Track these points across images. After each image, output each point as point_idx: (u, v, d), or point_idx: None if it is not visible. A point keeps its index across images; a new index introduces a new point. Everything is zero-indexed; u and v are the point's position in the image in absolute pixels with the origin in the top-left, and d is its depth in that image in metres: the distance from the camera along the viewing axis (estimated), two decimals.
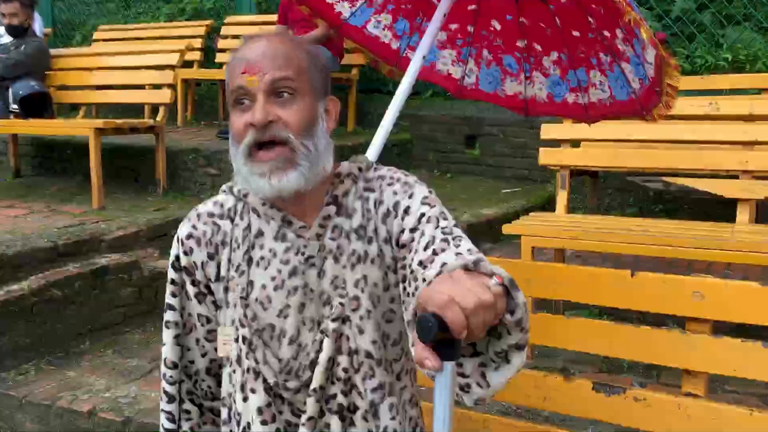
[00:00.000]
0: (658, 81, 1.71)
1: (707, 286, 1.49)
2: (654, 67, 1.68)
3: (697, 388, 1.52)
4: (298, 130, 1.24)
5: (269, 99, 1.24)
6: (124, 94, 5.13)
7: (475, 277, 0.99)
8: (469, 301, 0.93)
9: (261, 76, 1.23)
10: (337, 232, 1.31)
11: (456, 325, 0.92)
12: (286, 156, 1.23)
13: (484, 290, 0.96)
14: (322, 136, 1.29)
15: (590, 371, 2.88)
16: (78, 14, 7.91)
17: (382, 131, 1.78)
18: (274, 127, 1.23)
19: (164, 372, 1.41)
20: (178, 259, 1.38)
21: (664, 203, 4.53)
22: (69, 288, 3.19)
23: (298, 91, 1.25)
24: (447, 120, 5.46)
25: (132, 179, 4.92)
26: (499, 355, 1.06)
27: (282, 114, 1.24)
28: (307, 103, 1.26)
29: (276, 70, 1.23)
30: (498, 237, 4.20)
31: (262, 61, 1.24)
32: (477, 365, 1.09)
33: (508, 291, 1.01)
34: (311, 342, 1.30)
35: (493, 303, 0.96)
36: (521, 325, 1.03)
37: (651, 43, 1.57)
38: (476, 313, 0.93)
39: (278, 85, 1.24)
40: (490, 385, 1.08)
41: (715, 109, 3.26)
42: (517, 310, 1.02)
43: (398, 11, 2.05)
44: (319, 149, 1.27)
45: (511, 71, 2.04)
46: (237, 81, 1.26)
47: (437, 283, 0.98)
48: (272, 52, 1.25)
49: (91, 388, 2.78)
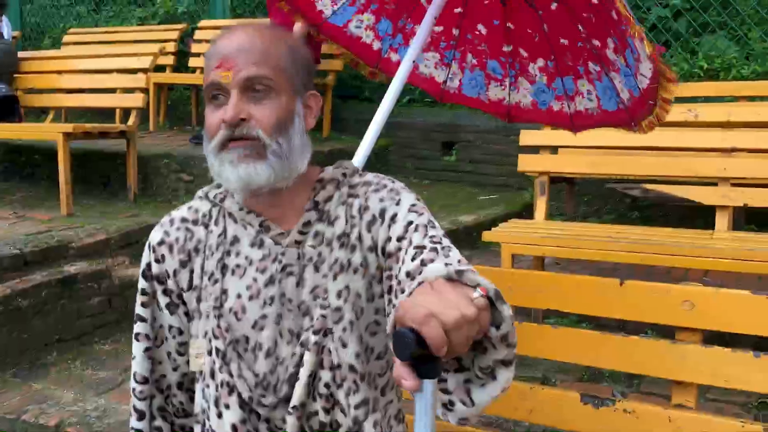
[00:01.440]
0: (653, 94, 1.68)
1: (697, 295, 1.45)
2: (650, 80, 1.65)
3: (687, 400, 1.49)
4: (271, 129, 1.19)
5: (243, 95, 1.19)
6: (95, 98, 5.03)
7: (458, 288, 0.92)
8: (449, 315, 0.86)
9: (235, 73, 1.18)
10: (318, 240, 1.25)
11: (435, 342, 0.85)
12: (255, 148, 1.18)
13: (467, 303, 0.89)
14: (297, 134, 1.23)
15: (571, 380, 2.85)
16: (47, 17, 7.77)
17: (370, 137, 1.73)
18: (246, 125, 1.18)
19: (134, 387, 1.33)
20: (149, 267, 1.31)
21: (640, 210, 4.54)
22: (35, 297, 3.09)
23: (274, 89, 1.20)
24: (424, 127, 5.43)
25: (102, 185, 4.81)
26: (485, 371, 0.99)
27: (255, 112, 1.19)
28: (283, 100, 1.21)
29: (251, 66, 1.18)
30: (475, 244, 4.17)
31: (237, 57, 1.19)
32: (461, 381, 1.02)
33: (493, 304, 0.95)
34: (290, 356, 1.23)
35: (476, 317, 0.89)
36: (507, 340, 0.97)
37: (652, 56, 1.54)
38: (458, 329, 0.86)
39: (253, 82, 1.19)
40: (475, 403, 1.01)
41: (694, 116, 3.26)
42: (503, 325, 0.95)
43: (381, 11, 2.01)
44: (293, 147, 1.21)
45: (495, 76, 2.00)
46: (211, 76, 1.21)
47: (417, 294, 0.91)
48: (248, 46, 1.20)
49: (59, 401, 2.69)
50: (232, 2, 6.57)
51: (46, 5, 7.74)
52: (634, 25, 1.44)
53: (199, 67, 6.14)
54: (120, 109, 5.25)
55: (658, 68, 1.61)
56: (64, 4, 7.67)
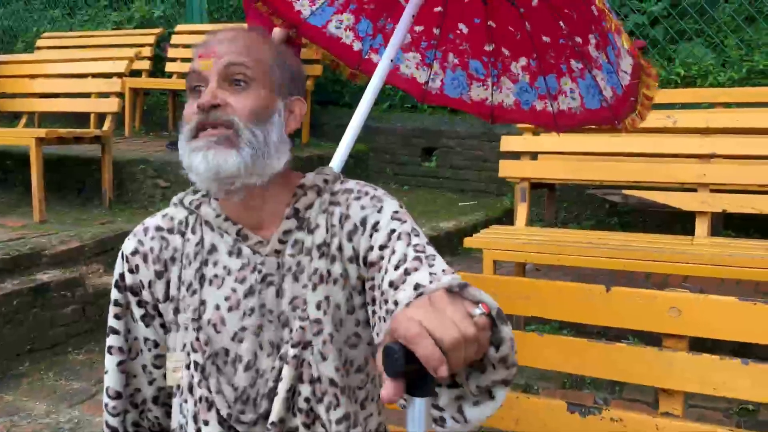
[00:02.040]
0: (635, 90, 1.66)
1: (684, 302, 1.43)
2: (630, 76, 1.63)
3: (674, 408, 1.47)
4: (247, 117, 1.14)
5: (222, 84, 1.16)
6: (69, 102, 4.94)
7: (458, 303, 0.85)
8: (447, 334, 0.80)
9: (216, 60, 1.16)
10: (298, 249, 1.20)
11: (431, 362, 0.79)
12: (227, 135, 1.13)
13: (467, 321, 0.82)
14: (275, 129, 1.18)
15: (553, 387, 2.83)
16: (20, 21, 7.65)
17: (348, 139, 1.70)
18: (221, 110, 1.14)
19: (106, 402, 1.28)
20: (122, 278, 1.26)
21: (619, 216, 4.55)
22: (7, 306, 3.01)
23: (255, 80, 1.16)
24: (404, 132, 5.42)
25: (76, 191, 4.72)
26: (480, 389, 0.94)
27: (232, 100, 1.15)
28: (263, 94, 1.17)
29: (232, 54, 1.16)
30: (456, 250, 4.16)
31: (219, 46, 1.17)
32: (453, 398, 0.96)
33: (493, 322, 0.89)
34: (269, 369, 1.19)
35: (476, 337, 0.83)
36: (506, 361, 0.91)
37: (631, 51, 1.52)
38: (456, 349, 0.80)
39: (232, 70, 1.15)
40: (468, 420, 0.96)
41: (673, 122, 3.27)
42: (502, 346, 0.89)
43: (361, 11, 1.97)
44: (269, 141, 1.16)
45: (477, 76, 1.97)
46: (192, 65, 1.18)
47: (413, 307, 0.85)
48: (232, 38, 1.18)
49: (31, 412, 2.62)
50: (209, 7, 6.51)
51: (18, 9, 7.63)
52: (611, 18, 1.42)
53: (176, 72, 6.07)
54: (95, 114, 5.18)
55: (638, 63, 1.59)
56: (38, 8, 7.56)
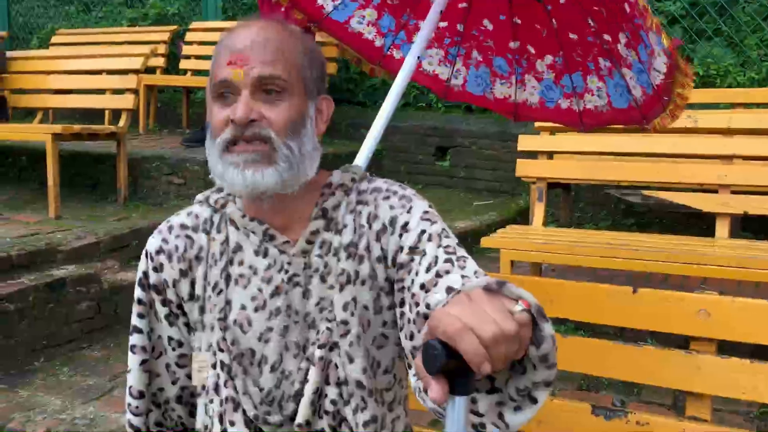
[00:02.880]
0: (668, 89, 1.64)
1: (713, 304, 1.41)
2: (665, 75, 1.60)
3: (701, 412, 1.44)
4: (283, 131, 1.12)
5: (255, 95, 1.11)
6: (84, 98, 4.95)
7: (497, 300, 0.84)
8: (487, 330, 0.79)
9: (248, 70, 1.11)
10: (325, 249, 1.18)
11: (473, 358, 0.78)
12: (264, 152, 1.11)
13: (507, 317, 0.81)
14: (309, 138, 1.16)
15: (570, 388, 2.81)
16: (36, 17, 7.67)
17: (371, 138, 1.68)
18: (257, 125, 1.11)
19: (129, 402, 1.26)
20: (146, 276, 1.24)
21: (636, 217, 4.51)
22: (23, 301, 3.02)
23: (288, 90, 1.13)
24: (418, 131, 5.39)
25: (91, 188, 4.74)
26: (521, 393, 0.92)
27: (267, 113, 1.11)
28: (296, 102, 1.14)
29: (265, 65, 1.11)
30: (471, 250, 4.13)
31: (251, 54, 1.11)
32: (494, 403, 0.94)
33: (534, 319, 0.87)
34: (296, 370, 1.17)
35: (517, 333, 0.81)
36: (548, 360, 0.89)
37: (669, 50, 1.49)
38: (496, 345, 0.79)
39: (266, 82, 1.11)
40: (509, 426, 0.94)
41: (693, 122, 3.24)
42: (543, 344, 0.87)
43: (384, 7, 1.95)
44: (304, 153, 1.14)
45: (501, 73, 1.94)
46: (221, 73, 1.13)
47: (452, 304, 0.84)
48: (262, 43, 1.12)
49: (46, 408, 2.62)
50: (224, 4, 6.51)
51: (34, 5, 7.65)
52: (651, 16, 1.39)
53: (190, 69, 6.07)
54: (109, 111, 5.18)
55: (675, 63, 1.56)
56: (53, 4, 7.58)
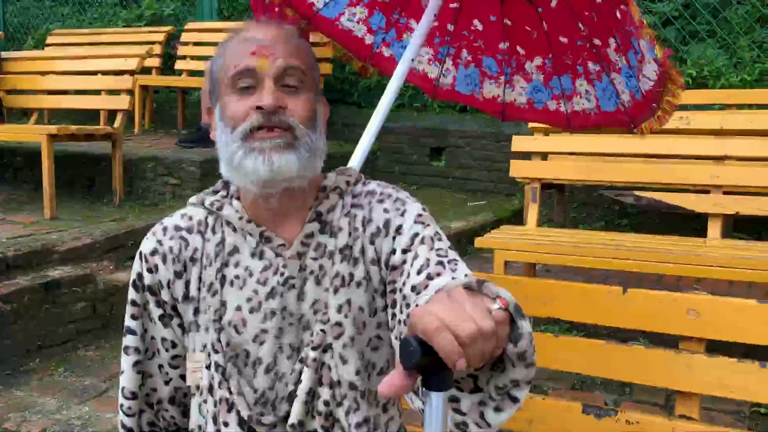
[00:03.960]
0: (657, 97, 1.66)
1: (702, 304, 1.43)
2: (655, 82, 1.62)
3: (691, 411, 1.46)
4: (305, 121, 1.15)
5: (276, 86, 1.14)
6: (80, 99, 4.95)
7: (477, 298, 0.85)
8: (464, 327, 0.80)
9: (273, 60, 1.14)
10: (320, 252, 1.20)
11: (449, 354, 0.79)
12: (288, 139, 1.13)
13: (485, 316, 0.82)
14: (320, 134, 1.20)
15: (563, 388, 2.82)
16: (30, 18, 7.66)
17: (366, 139, 1.69)
18: (282, 113, 1.13)
19: (122, 403, 1.27)
20: (140, 278, 1.25)
21: (629, 217, 4.54)
22: (18, 302, 3.02)
23: (305, 84, 1.17)
24: (413, 131, 5.41)
25: (86, 188, 4.74)
26: (500, 391, 0.94)
27: (290, 102, 1.15)
28: (311, 98, 1.18)
29: (288, 56, 1.15)
30: (466, 250, 4.15)
31: (275, 45, 1.15)
32: (476, 403, 0.96)
33: (512, 318, 0.89)
34: (289, 371, 1.18)
35: (494, 331, 0.82)
36: (525, 358, 0.90)
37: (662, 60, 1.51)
38: (473, 342, 0.80)
39: (290, 73, 1.15)
40: (491, 424, 0.96)
41: (686, 123, 3.26)
42: (520, 341, 0.89)
43: (375, 5, 1.96)
44: (319, 146, 1.18)
45: (490, 73, 1.96)
46: (245, 61, 1.15)
47: (432, 302, 0.85)
48: (285, 36, 1.17)
49: (41, 408, 2.62)
50: (219, 4, 6.51)
51: (29, 5, 7.64)
52: (646, 27, 1.41)
53: (186, 70, 6.07)
54: (105, 112, 5.18)
55: (667, 72, 1.58)
56: (48, 5, 7.58)
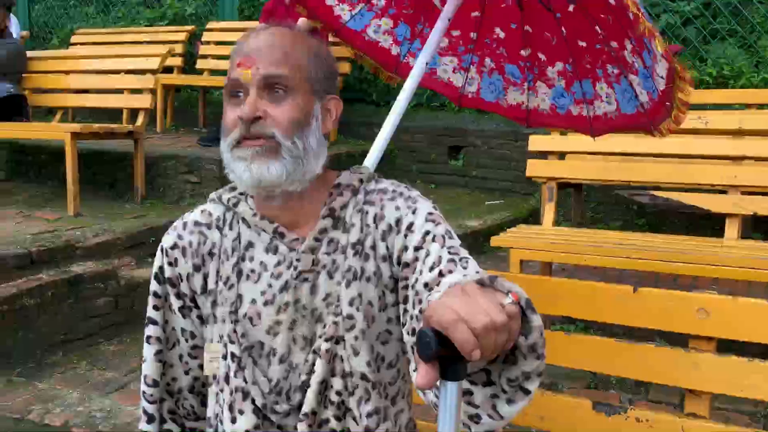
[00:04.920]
0: (670, 95, 1.67)
1: (712, 303, 1.44)
2: (665, 80, 1.64)
3: (700, 409, 1.47)
4: (287, 129, 1.18)
5: (262, 93, 1.18)
6: (103, 98, 5.02)
7: (489, 293, 0.90)
8: (478, 320, 0.84)
9: (255, 71, 1.18)
10: (333, 247, 1.24)
11: (464, 345, 0.84)
12: (269, 146, 1.18)
13: (498, 309, 0.87)
14: (313, 135, 1.22)
15: (579, 387, 2.83)
16: (55, 17, 7.78)
17: (381, 139, 1.72)
18: (262, 123, 1.18)
19: (144, 390, 1.32)
20: (161, 271, 1.30)
21: (647, 217, 4.52)
22: (42, 297, 3.09)
23: (293, 89, 1.19)
24: (431, 131, 5.43)
25: (108, 186, 4.81)
26: (512, 383, 0.98)
27: (272, 111, 1.18)
28: (301, 101, 1.20)
29: (271, 65, 1.18)
30: (482, 249, 4.16)
31: (258, 55, 1.19)
32: (488, 395, 1.01)
33: (524, 312, 0.93)
34: (303, 362, 1.22)
35: (506, 324, 0.87)
36: (536, 350, 0.95)
37: (665, 56, 1.53)
38: (487, 334, 0.85)
39: (271, 81, 1.18)
40: (503, 416, 1.01)
41: (704, 123, 3.25)
42: (531, 334, 0.93)
43: (399, 16, 1.99)
44: (308, 149, 1.21)
45: (513, 80, 1.98)
46: (232, 73, 1.21)
47: (446, 296, 0.89)
48: (270, 45, 1.20)
49: (64, 401, 2.68)
50: (240, 4, 6.57)
51: (54, 5, 7.76)
52: (644, 21, 1.42)
53: (207, 69, 6.14)
54: (127, 110, 5.26)
55: (673, 68, 1.59)
56: (73, 5, 7.69)
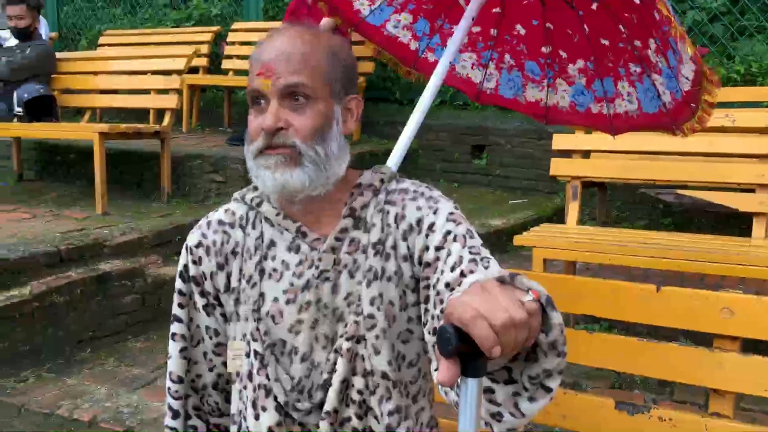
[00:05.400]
0: (695, 96, 1.66)
1: (737, 302, 1.43)
2: (692, 82, 1.63)
3: (724, 408, 1.46)
4: (308, 137, 1.20)
5: (283, 102, 1.20)
6: (130, 98, 5.09)
7: (509, 291, 0.90)
8: (499, 317, 0.85)
9: (275, 80, 1.19)
10: (354, 246, 1.25)
11: (485, 342, 0.85)
12: (291, 155, 1.20)
13: (517, 306, 0.87)
14: (335, 140, 1.24)
15: (602, 386, 2.82)
16: (84, 19, 7.89)
17: (405, 139, 1.73)
18: (284, 133, 1.20)
19: (169, 386, 1.35)
20: (186, 269, 1.32)
21: (673, 216, 4.48)
22: (71, 294, 3.14)
23: (313, 96, 1.21)
24: (454, 129, 5.42)
25: (135, 185, 4.88)
26: (533, 380, 0.99)
27: (293, 120, 1.20)
28: (322, 107, 1.22)
29: (290, 74, 1.19)
30: (506, 248, 4.15)
31: (277, 65, 1.20)
32: (510, 394, 1.01)
33: (544, 310, 0.94)
34: (324, 361, 1.24)
35: (526, 321, 0.87)
36: (556, 347, 0.96)
37: (695, 58, 1.52)
38: (507, 331, 0.85)
39: (291, 89, 1.20)
40: (525, 414, 1.01)
41: (731, 121, 3.21)
42: (551, 332, 0.94)
43: (419, 11, 2.00)
44: (330, 154, 1.22)
45: (533, 77, 1.98)
46: (253, 83, 1.22)
47: (466, 293, 0.90)
48: (289, 53, 1.20)
49: (92, 396, 2.73)
50: (265, 4, 6.62)
51: (82, 7, 7.88)
52: (676, 25, 1.42)
53: (232, 69, 6.19)
54: (154, 110, 5.33)
55: (701, 70, 1.58)
56: (101, 6, 7.80)
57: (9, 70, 4.73)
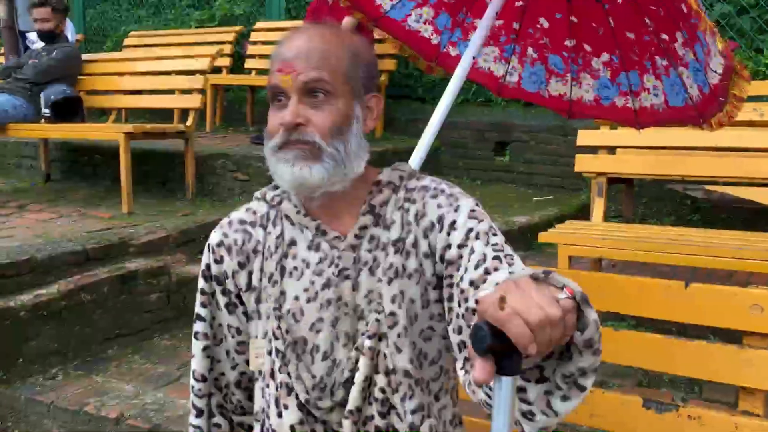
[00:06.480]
0: (724, 90, 1.63)
1: (767, 299, 1.40)
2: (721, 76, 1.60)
3: (754, 407, 1.43)
4: (328, 134, 1.19)
5: (303, 99, 1.19)
6: (154, 98, 5.14)
7: (543, 288, 0.89)
8: (534, 314, 0.84)
9: (294, 77, 1.19)
10: (374, 244, 1.24)
11: (520, 340, 0.84)
12: (311, 150, 1.19)
13: (552, 304, 0.86)
14: (354, 137, 1.23)
15: (629, 384, 2.79)
16: (109, 21, 7.99)
17: (428, 136, 1.72)
18: (303, 129, 1.19)
19: (193, 385, 1.35)
20: (208, 268, 1.33)
21: (701, 212, 4.42)
22: (97, 292, 3.18)
23: (333, 93, 1.20)
24: (477, 126, 5.40)
25: (160, 184, 4.92)
26: (567, 379, 0.97)
27: (313, 116, 1.19)
28: (342, 104, 1.21)
29: (310, 70, 1.19)
30: (530, 245, 4.13)
31: (297, 61, 1.19)
32: (542, 392, 1.00)
33: (579, 307, 0.92)
34: (345, 359, 1.23)
35: (561, 318, 0.86)
36: (592, 345, 0.94)
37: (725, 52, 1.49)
38: (542, 329, 0.84)
39: (311, 86, 1.19)
40: (557, 413, 1.00)
41: (760, 115, 3.15)
42: (587, 329, 0.92)
43: (441, 5, 1.99)
44: (349, 151, 1.22)
45: (556, 71, 1.96)
46: (272, 79, 1.22)
47: (500, 290, 0.88)
48: (309, 50, 1.20)
49: (119, 394, 2.75)
50: (287, 4, 6.64)
51: (107, 9, 7.97)
52: (705, 19, 1.39)
53: (255, 69, 6.22)
54: (178, 110, 5.36)
55: (731, 65, 1.55)
56: (125, 8, 7.88)
57: (36, 72, 4.79)
